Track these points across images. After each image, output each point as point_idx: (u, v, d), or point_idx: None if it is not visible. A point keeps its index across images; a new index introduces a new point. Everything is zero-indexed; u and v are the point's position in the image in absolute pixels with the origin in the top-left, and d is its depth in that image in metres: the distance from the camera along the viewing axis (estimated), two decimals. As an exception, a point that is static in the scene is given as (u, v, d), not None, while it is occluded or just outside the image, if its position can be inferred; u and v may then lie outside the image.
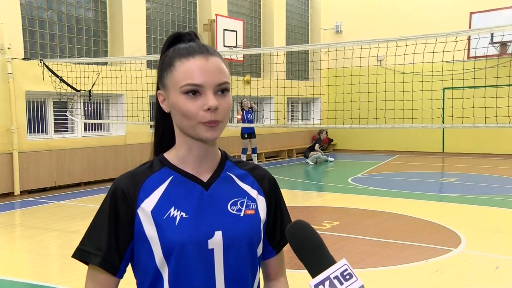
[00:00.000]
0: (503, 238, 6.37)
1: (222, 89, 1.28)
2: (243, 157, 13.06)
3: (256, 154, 13.59)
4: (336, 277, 1.07)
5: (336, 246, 5.94)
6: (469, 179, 11.33)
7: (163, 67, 1.32)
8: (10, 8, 9.75)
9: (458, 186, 10.44)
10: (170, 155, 1.37)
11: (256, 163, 12.32)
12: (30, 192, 10.07)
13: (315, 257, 1.13)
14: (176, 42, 1.35)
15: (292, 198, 9.46)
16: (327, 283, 1.07)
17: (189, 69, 1.26)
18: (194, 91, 1.26)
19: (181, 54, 1.30)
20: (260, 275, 1.42)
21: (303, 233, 1.17)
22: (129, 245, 1.31)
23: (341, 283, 1.06)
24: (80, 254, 1.31)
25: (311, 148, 15.07)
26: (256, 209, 1.37)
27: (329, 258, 1.13)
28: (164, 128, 1.40)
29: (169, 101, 1.31)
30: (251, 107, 13.35)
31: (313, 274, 1.10)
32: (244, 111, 13.10)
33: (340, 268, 1.08)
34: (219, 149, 1.41)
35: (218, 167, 1.38)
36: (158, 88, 1.36)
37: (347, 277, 1.07)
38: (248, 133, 13.37)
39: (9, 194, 9.70)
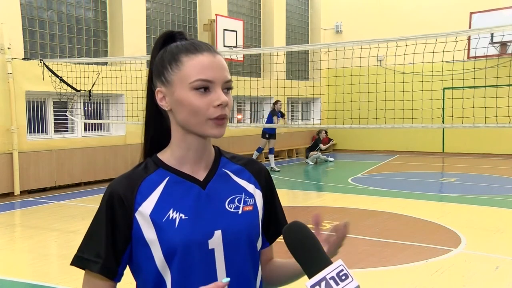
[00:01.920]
0: (503, 238, 6.37)
1: (228, 87, 1.29)
2: (255, 155, 13.02)
3: (273, 155, 13.41)
4: (332, 278, 1.07)
5: (336, 246, 5.93)
6: (469, 179, 11.33)
7: (165, 63, 1.30)
8: (10, 8, 9.75)
9: (458, 186, 10.44)
10: (164, 156, 1.35)
11: (273, 164, 11.99)
12: (30, 192, 10.07)
13: (311, 258, 1.13)
14: (169, 41, 1.34)
15: (292, 198, 9.46)
16: (323, 283, 1.07)
17: (200, 65, 1.26)
18: (205, 87, 1.25)
19: (187, 49, 1.28)
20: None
21: (300, 234, 1.17)
22: (127, 249, 1.29)
23: (337, 284, 1.07)
24: (79, 261, 1.30)
25: (311, 149, 15.07)
26: (254, 204, 1.37)
27: (325, 258, 1.13)
28: (156, 128, 1.38)
29: (172, 98, 1.29)
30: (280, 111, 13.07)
31: (310, 275, 1.11)
32: (278, 113, 12.86)
33: (336, 269, 1.08)
34: (213, 145, 1.41)
35: (213, 164, 1.37)
36: (151, 86, 1.34)
37: (343, 277, 1.07)
38: (270, 134, 13.09)
39: (9, 194, 9.70)
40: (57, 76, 9.77)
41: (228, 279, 1.19)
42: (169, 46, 1.32)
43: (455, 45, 7.00)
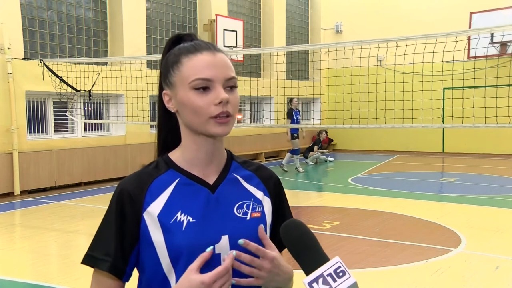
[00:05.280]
0: (503, 238, 6.37)
1: (231, 85, 1.28)
2: (289, 157, 12.87)
3: (291, 155, 13.21)
4: (330, 274, 1.08)
5: (336, 246, 5.95)
6: (469, 179, 11.33)
7: (168, 66, 1.31)
8: (10, 8, 9.76)
9: (458, 186, 10.44)
10: (175, 156, 1.35)
11: (298, 164, 11.70)
12: (30, 192, 10.07)
13: (309, 255, 1.13)
14: (176, 44, 1.35)
15: (292, 198, 9.45)
16: (320, 280, 1.08)
17: (198, 64, 1.26)
18: (204, 86, 1.25)
19: (188, 50, 1.29)
20: None
21: (297, 231, 1.18)
22: (135, 248, 1.29)
23: (335, 280, 1.07)
24: (89, 260, 1.29)
25: (310, 149, 15.09)
26: (262, 211, 1.36)
27: (322, 255, 1.13)
28: (168, 128, 1.38)
29: (176, 99, 1.29)
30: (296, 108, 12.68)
31: (307, 272, 1.11)
32: (294, 111, 12.53)
33: (334, 266, 1.09)
34: (225, 149, 1.40)
35: (224, 168, 1.37)
36: (161, 89, 1.34)
37: (340, 274, 1.08)
38: (297, 133, 12.81)
39: (9, 194, 9.70)
40: (57, 76, 9.78)
41: (211, 247, 1.22)
42: (173, 49, 1.33)
43: (455, 45, 7.01)
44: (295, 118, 12.53)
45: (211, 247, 1.21)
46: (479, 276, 4.97)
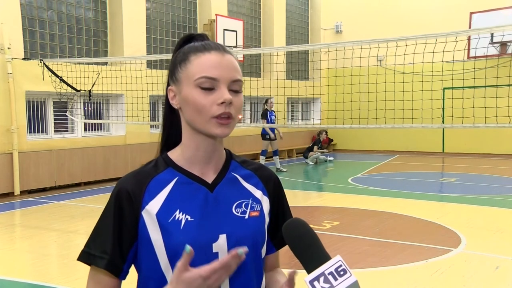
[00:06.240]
0: (503, 238, 6.37)
1: (236, 88, 1.28)
2: (262, 159, 12.76)
3: (277, 156, 13.20)
4: (331, 273, 1.08)
5: (336, 246, 5.95)
6: (469, 179, 11.33)
7: (176, 63, 1.32)
8: (10, 8, 9.76)
9: (458, 186, 10.44)
10: (175, 155, 1.35)
11: (279, 165, 11.69)
12: (30, 192, 10.07)
13: (310, 254, 1.14)
14: (188, 43, 1.35)
15: (292, 198, 9.45)
16: (321, 279, 1.08)
17: (205, 63, 1.26)
18: (209, 85, 1.25)
19: (197, 49, 1.29)
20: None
21: (299, 230, 1.18)
22: (133, 246, 1.29)
23: (336, 279, 1.08)
24: (86, 257, 1.29)
25: (310, 149, 15.08)
26: (261, 210, 1.36)
27: (324, 254, 1.13)
28: (171, 125, 1.39)
29: (180, 96, 1.29)
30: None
31: (309, 270, 1.12)
32: (268, 112, 12.58)
33: (335, 264, 1.09)
34: (224, 148, 1.40)
35: (223, 167, 1.37)
36: (168, 85, 1.35)
37: (341, 273, 1.08)
38: (269, 135, 12.74)
39: (9, 194, 9.70)
40: (57, 76, 9.78)
41: (189, 247, 1.11)
42: (183, 47, 1.34)
43: (455, 45, 7.00)
44: (269, 118, 12.58)
45: (189, 247, 1.11)
46: (479, 276, 4.97)
